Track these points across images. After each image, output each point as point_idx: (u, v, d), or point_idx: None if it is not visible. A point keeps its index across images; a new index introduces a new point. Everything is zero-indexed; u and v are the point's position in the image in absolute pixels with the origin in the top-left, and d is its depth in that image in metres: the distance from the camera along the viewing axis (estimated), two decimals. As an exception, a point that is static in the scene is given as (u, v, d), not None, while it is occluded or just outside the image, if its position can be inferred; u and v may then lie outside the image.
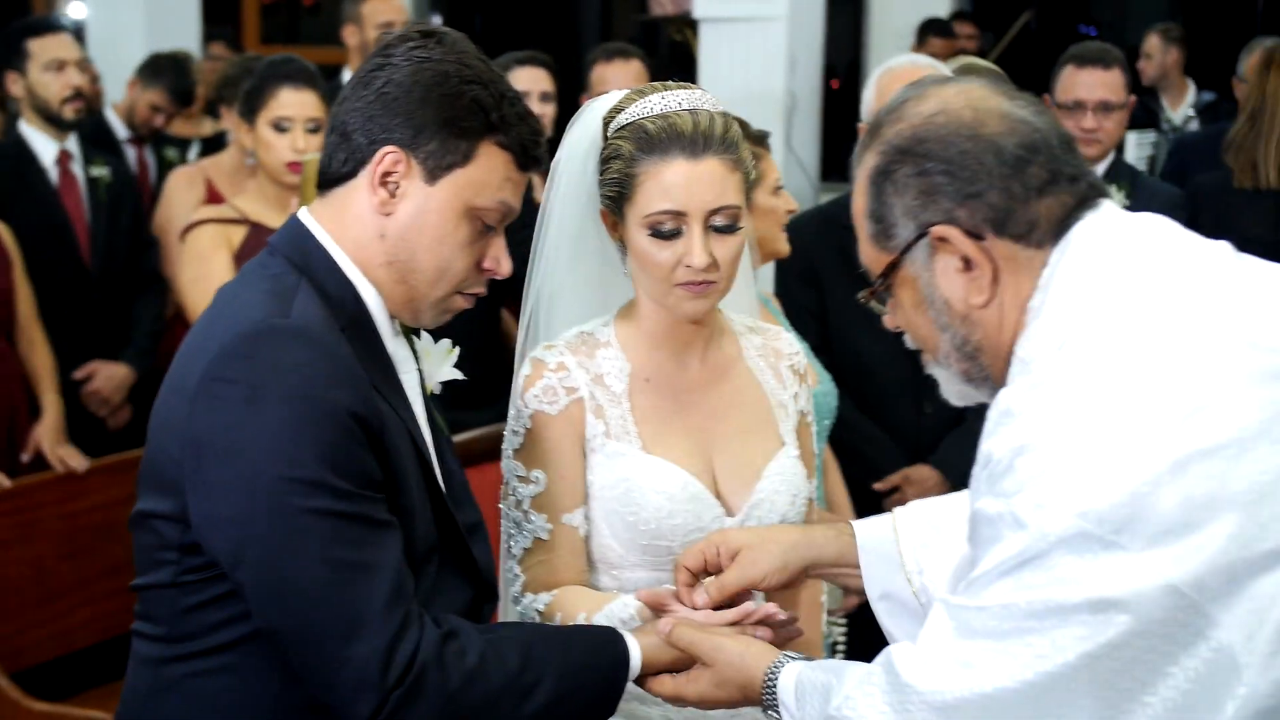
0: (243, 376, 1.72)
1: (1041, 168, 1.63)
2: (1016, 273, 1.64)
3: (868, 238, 1.72)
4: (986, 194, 1.62)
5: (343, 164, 1.87)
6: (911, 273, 1.69)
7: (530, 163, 1.91)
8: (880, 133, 1.70)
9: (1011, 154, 1.62)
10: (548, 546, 2.16)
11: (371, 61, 1.88)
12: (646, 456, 2.17)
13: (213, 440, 1.72)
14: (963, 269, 1.65)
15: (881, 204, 1.68)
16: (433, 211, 1.85)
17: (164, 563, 1.82)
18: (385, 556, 1.74)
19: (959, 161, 1.62)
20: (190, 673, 1.83)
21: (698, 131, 2.10)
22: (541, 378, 2.17)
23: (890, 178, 1.67)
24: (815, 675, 1.75)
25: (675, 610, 1.97)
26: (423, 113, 1.83)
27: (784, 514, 2.23)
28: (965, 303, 1.66)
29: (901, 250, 1.68)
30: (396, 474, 1.81)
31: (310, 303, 1.81)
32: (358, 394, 1.75)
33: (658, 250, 2.11)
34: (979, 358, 1.70)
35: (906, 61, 3.63)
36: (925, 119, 1.65)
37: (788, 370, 2.35)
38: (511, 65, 4.68)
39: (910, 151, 1.65)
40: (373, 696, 1.71)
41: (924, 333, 1.73)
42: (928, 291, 1.68)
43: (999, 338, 1.67)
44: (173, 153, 6.04)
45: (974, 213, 1.62)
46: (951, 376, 1.75)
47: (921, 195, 1.64)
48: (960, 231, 1.63)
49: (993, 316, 1.66)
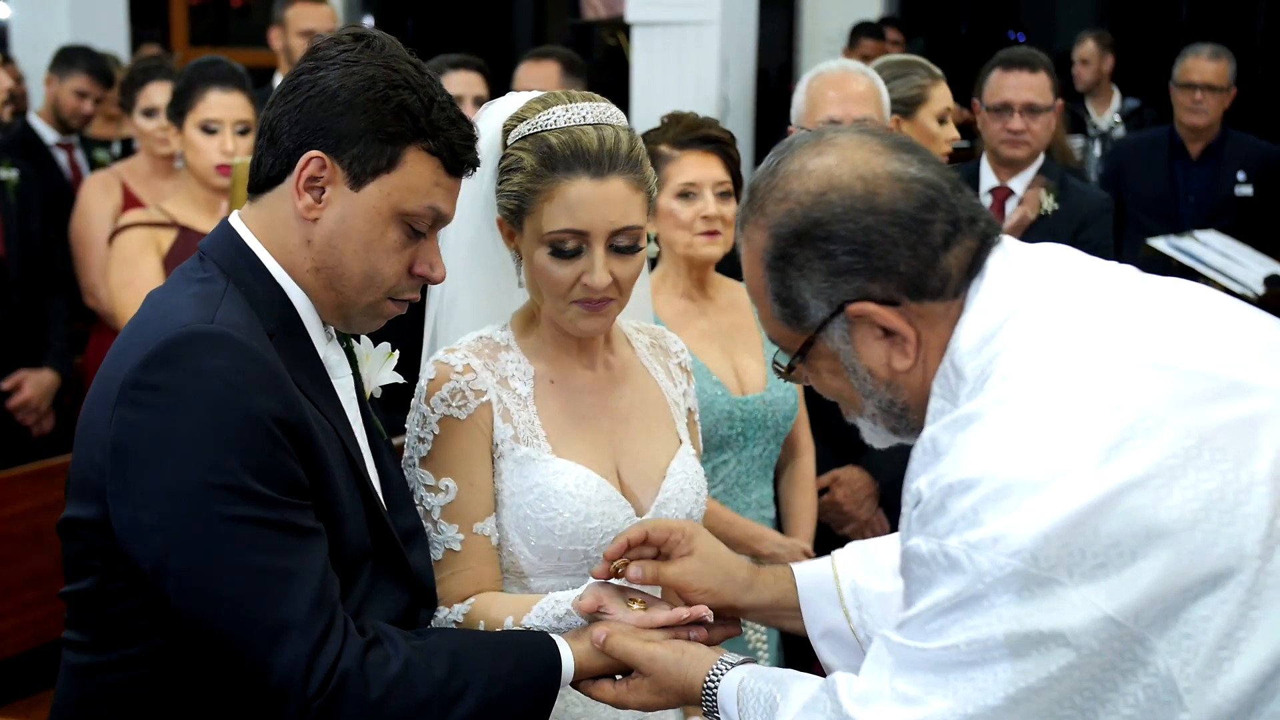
0: (165, 383, 1.70)
1: (942, 222, 1.61)
2: (935, 326, 1.64)
3: (773, 317, 1.70)
4: (896, 264, 1.60)
5: (270, 168, 1.86)
6: (830, 347, 1.67)
7: (461, 167, 1.89)
8: (763, 208, 1.66)
9: (912, 218, 1.60)
10: (460, 558, 2.11)
11: (301, 65, 1.87)
12: (558, 460, 2.13)
13: (134, 447, 1.70)
14: (882, 337, 1.64)
15: (786, 287, 1.66)
16: (358, 217, 1.83)
17: (90, 570, 1.80)
18: (309, 563, 1.73)
19: (863, 239, 1.60)
20: (119, 680, 1.80)
21: (603, 150, 2.06)
22: (448, 380, 2.12)
23: (791, 262, 1.64)
24: (758, 685, 1.75)
25: (611, 616, 1.95)
26: (349, 118, 1.81)
27: (689, 511, 2.23)
28: (888, 369, 1.66)
29: (817, 328, 1.66)
30: (325, 480, 1.79)
31: (236, 307, 1.79)
32: (282, 400, 1.73)
33: (557, 268, 2.08)
34: (907, 415, 1.70)
35: (837, 66, 3.64)
36: (815, 199, 1.62)
37: (676, 369, 2.35)
38: (445, 69, 4.66)
39: (808, 235, 1.62)
40: (295, 704, 1.70)
41: (845, 395, 1.73)
42: (848, 363, 1.67)
43: (924, 390, 1.66)
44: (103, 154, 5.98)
45: (887, 284, 1.61)
46: (872, 428, 1.76)
47: (830, 276, 1.62)
48: (876, 305, 1.61)
49: (916, 375, 1.66)
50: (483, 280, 2.27)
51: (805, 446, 3.41)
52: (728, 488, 3.23)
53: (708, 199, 3.10)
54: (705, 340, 3.20)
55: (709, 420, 3.12)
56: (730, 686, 1.79)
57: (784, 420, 3.26)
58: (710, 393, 3.14)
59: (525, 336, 2.21)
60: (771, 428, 3.23)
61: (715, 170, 3.13)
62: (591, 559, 2.13)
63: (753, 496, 3.27)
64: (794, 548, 3.23)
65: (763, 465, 3.28)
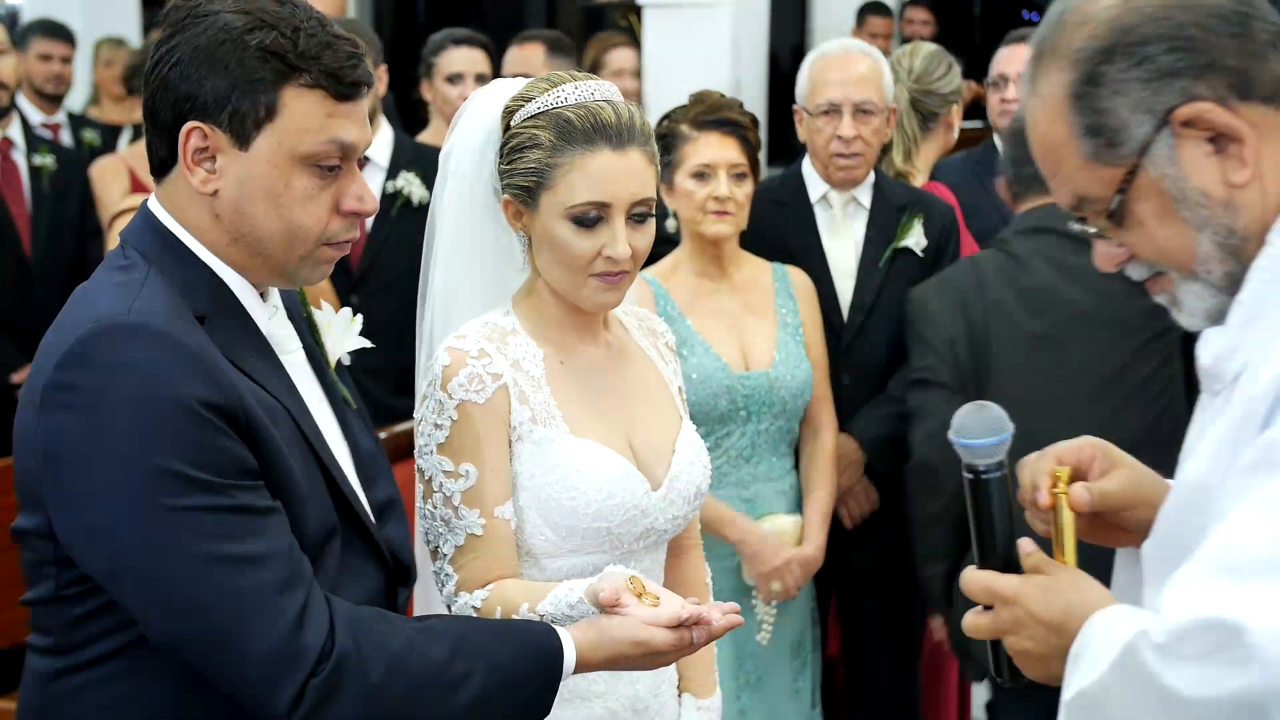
0: (83, 382, 1.63)
1: (1262, 24, 1.49)
2: (1271, 138, 1.49)
3: (1084, 160, 1.54)
4: (1221, 59, 1.47)
5: (160, 150, 1.78)
6: (1154, 174, 1.51)
7: (350, 89, 1.76)
8: (1057, 49, 1.54)
9: (1232, 12, 1.48)
10: (481, 542, 2.11)
11: (160, 37, 1.76)
12: (578, 440, 2.15)
13: (64, 452, 1.64)
14: (1213, 151, 1.49)
15: (1099, 112, 1.51)
16: (257, 176, 1.74)
17: (45, 577, 1.74)
18: (271, 544, 1.67)
19: (1182, 34, 1.47)
20: (84, 683, 1.74)
21: (620, 123, 2.11)
22: (465, 365, 2.12)
23: (1102, 82, 1.50)
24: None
25: (626, 608, 1.90)
26: (211, 79, 1.70)
27: (699, 484, 2.27)
28: (1224, 186, 1.49)
29: (1139, 152, 1.50)
30: (274, 461, 1.72)
31: (157, 294, 1.71)
32: (211, 383, 1.66)
33: (579, 240, 2.11)
34: (1243, 251, 1.50)
35: (838, 46, 3.64)
36: (1119, 8, 1.50)
37: (665, 348, 2.39)
38: (448, 44, 4.64)
39: (1118, 46, 1.49)
40: (287, 686, 1.65)
41: (1173, 244, 1.53)
42: (1177, 189, 1.50)
43: (1265, 219, 1.49)
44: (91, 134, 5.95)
45: (1214, 84, 1.47)
46: (1204, 290, 1.54)
47: (1150, 83, 1.49)
48: (1210, 104, 1.47)
49: (1255, 196, 1.49)
50: (482, 269, 2.29)
51: (825, 424, 3.45)
52: (731, 459, 3.30)
53: (721, 180, 3.21)
54: (715, 317, 3.29)
55: (706, 394, 3.20)
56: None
57: (792, 397, 3.31)
58: (709, 367, 3.22)
59: (529, 317, 2.23)
60: (778, 404, 3.28)
61: (731, 152, 3.22)
62: (614, 535, 2.15)
63: (759, 469, 3.33)
64: (764, 539, 3.27)
65: (771, 440, 3.33)
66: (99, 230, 4.79)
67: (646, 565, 2.24)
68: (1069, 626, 1.50)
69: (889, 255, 3.58)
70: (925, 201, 3.67)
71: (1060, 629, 1.52)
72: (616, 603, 1.89)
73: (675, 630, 1.88)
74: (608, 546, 2.16)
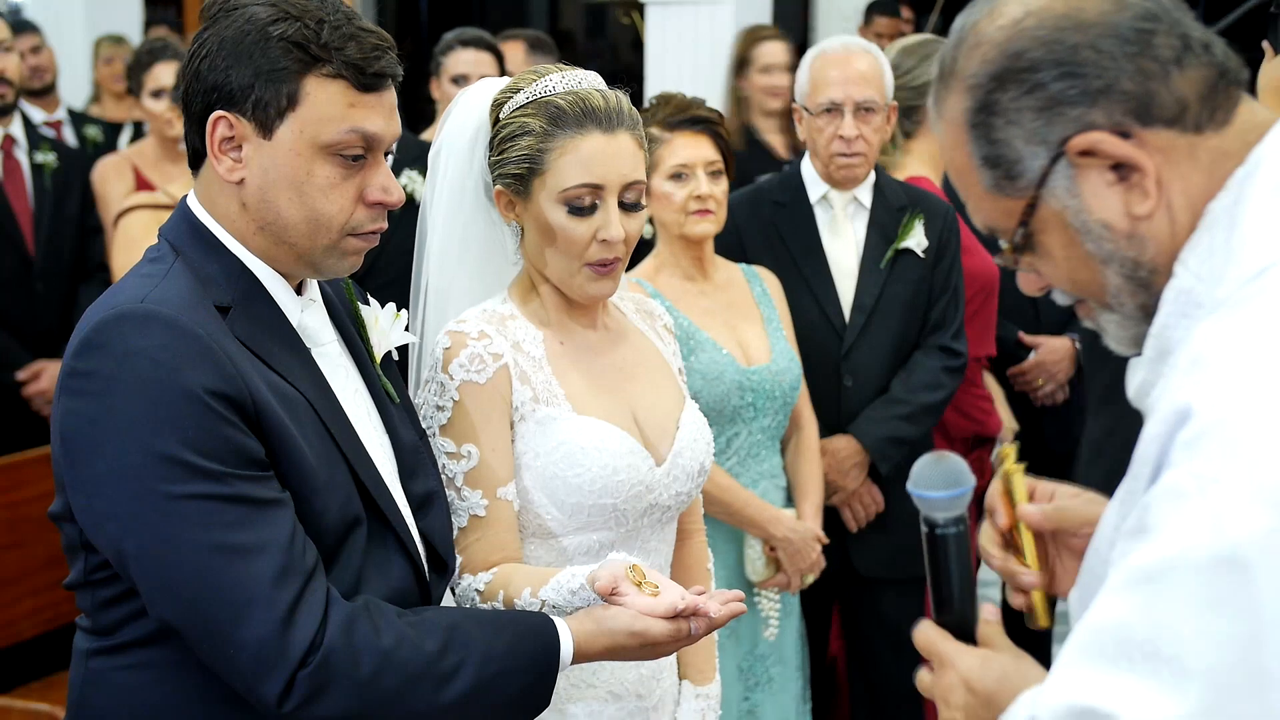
0: (96, 368, 1.68)
1: (1168, 36, 1.37)
2: (1179, 164, 1.38)
3: (985, 191, 1.45)
4: (1118, 83, 1.36)
5: (194, 141, 1.83)
6: (1055, 207, 1.41)
7: (373, 80, 1.81)
8: (955, 71, 1.45)
9: (1131, 30, 1.37)
10: (485, 523, 2.13)
11: (197, 32, 1.83)
12: (581, 417, 2.17)
13: (76, 436, 1.69)
14: (1116, 180, 1.38)
15: (993, 143, 1.42)
16: (280, 165, 1.78)
17: (76, 560, 1.80)
18: (270, 535, 1.69)
19: (1075, 59, 1.37)
20: (112, 667, 1.80)
21: (609, 107, 2.14)
22: (465, 346, 2.15)
23: (994, 111, 1.41)
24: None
25: (624, 596, 1.91)
26: (236, 69, 1.76)
27: (701, 461, 2.29)
28: (1128, 218, 1.39)
29: (1037, 184, 1.41)
30: (286, 451, 1.75)
31: (177, 284, 1.76)
32: (218, 372, 1.69)
33: (574, 225, 2.13)
34: (1153, 283, 1.41)
35: (838, 43, 3.62)
36: (1010, 31, 1.40)
37: (663, 330, 2.42)
38: (455, 45, 4.64)
39: (1009, 71, 1.39)
40: (277, 677, 1.67)
41: (1082, 276, 1.44)
42: (1079, 222, 1.41)
43: (1173, 248, 1.39)
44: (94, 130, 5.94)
45: (1110, 110, 1.36)
46: (1122, 320, 1.46)
47: (1043, 112, 1.38)
48: (1105, 134, 1.37)
49: (1162, 226, 1.39)
50: (475, 263, 2.31)
51: (808, 419, 3.47)
52: (740, 459, 3.31)
53: (700, 179, 3.20)
54: (708, 316, 3.29)
55: (719, 391, 3.20)
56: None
57: (790, 391, 3.32)
58: (720, 364, 3.22)
59: (526, 304, 2.25)
60: (780, 398, 3.30)
61: (706, 150, 3.21)
62: (619, 511, 2.17)
63: (764, 467, 3.34)
64: (807, 534, 3.28)
65: (771, 436, 3.35)
66: (100, 228, 4.81)
67: (654, 545, 2.26)
68: (998, 701, 1.43)
69: (890, 256, 3.58)
70: (925, 201, 3.67)
71: (989, 702, 1.46)
72: (614, 591, 1.91)
73: (672, 621, 1.90)
74: (613, 523, 2.18)
